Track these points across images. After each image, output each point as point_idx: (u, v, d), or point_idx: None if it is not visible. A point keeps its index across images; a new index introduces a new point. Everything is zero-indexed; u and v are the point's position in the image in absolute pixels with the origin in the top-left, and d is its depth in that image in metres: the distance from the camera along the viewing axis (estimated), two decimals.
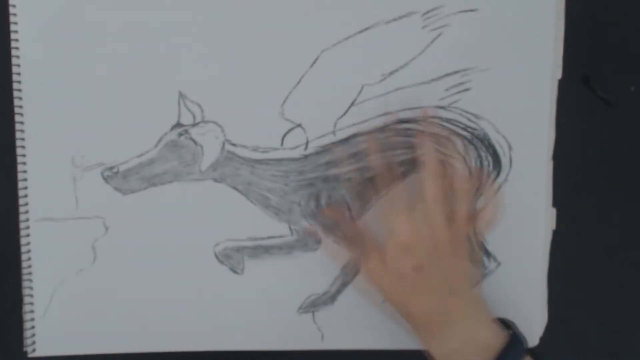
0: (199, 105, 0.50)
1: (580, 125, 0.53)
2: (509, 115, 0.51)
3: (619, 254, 0.49)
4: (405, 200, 0.47)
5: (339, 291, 0.52)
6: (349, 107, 0.51)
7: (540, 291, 0.52)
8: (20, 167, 0.51)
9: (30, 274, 0.51)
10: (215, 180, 0.51)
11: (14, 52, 0.50)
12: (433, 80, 0.51)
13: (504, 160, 0.51)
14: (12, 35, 0.50)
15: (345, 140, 0.51)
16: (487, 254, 0.52)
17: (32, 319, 0.51)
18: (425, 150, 0.49)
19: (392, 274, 0.47)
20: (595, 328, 0.53)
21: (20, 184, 0.51)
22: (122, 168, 0.51)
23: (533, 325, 0.52)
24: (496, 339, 0.46)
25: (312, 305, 0.52)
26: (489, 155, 0.51)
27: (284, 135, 0.51)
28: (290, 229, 0.52)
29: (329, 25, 0.50)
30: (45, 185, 0.51)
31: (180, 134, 0.51)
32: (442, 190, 0.47)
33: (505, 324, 0.48)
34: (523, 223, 0.51)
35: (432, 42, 0.51)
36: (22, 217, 0.51)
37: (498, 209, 0.50)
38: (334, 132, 0.51)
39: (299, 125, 0.51)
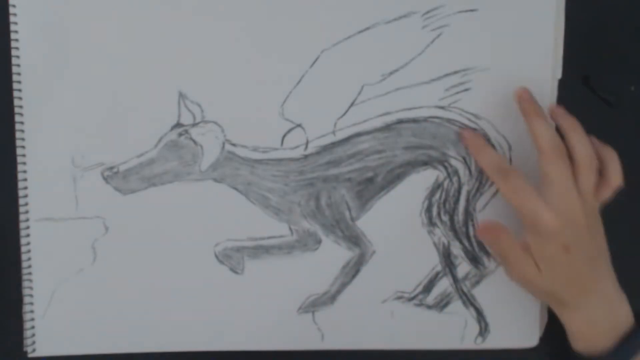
0: (199, 105, 0.50)
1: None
2: (509, 115, 0.51)
3: (619, 254, 0.49)
4: (531, 187, 0.46)
5: (339, 291, 0.52)
6: (349, 107, 0.51)
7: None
8: (20, 167, 0.50)
9: (30, 274, 0.51)
10: (215, 180, 0.51)
11: (14, 52, 0.50)
12: (433, 80, 0.51)
13: None
14: (12, 35, 0.50)
15: (345, 140, 0.51)
16: (487, 253, 0.52)
17: (32, 319, 0.51)
18: (539, 132, 0.47)
19: (542, 262, 0.46)
20: None
21: (20, 184, 0.51)
22: (122, 168, 0.51)
23: (533, 325, 0.53)
24: (628, 316, 0.47)
25: (312, 305, 0.52)
26: None
27: (284, 135, 0.51)
28: (290, 229, 0.52)
29: (329, 25, 0.50)
30: (45, 185, 0.51)
31: (180, 134, 0.51)
32: (567, 168, 0.46)
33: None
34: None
35: (432, 42, 0.51)
36: (22, 217, 0.51)
37: (619, 172, 0.48)
38: (334, 132, 0.51)
39: (299, 125, 0.51)
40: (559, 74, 0.51)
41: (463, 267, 0.53)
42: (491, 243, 0.50)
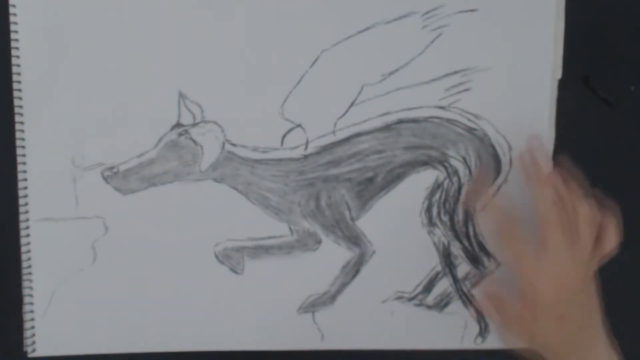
0: (199, 105, 0.50)
1: (580, 125, 0.52)
2: (509, 115, 0.51)
3: (619, 254, 0.49)
4: (532, 253, 0.47)
5: (339, 291, 0.52)
6: (349, 107, 0.51)
7: None
8: (20, 167, 0.50)
9: (30, 274, 0.51)
10: (215, 180, 0.51)
11: (14, 52, 0.50)
12: (433, 80, 0.51)
13: (504, 160, 0.51)
14: (12, 35, 0.50)
15: (345, 140, 0.51)
16: (487, 254, 0.52)
17: (32, 319, 0.51)
18: (541, 198, 0.47)
19: (536, 329, 0.47)
20: None
21: (20, 184, 0.51)
22: (122, 168, 0.51)
23: None
24: None
25: (312, 305, 0.52)
26: (489, 156, 0.51)
27: (284, 135, 0.51)
28: (290, 229, 0.52)
29: (329, 25, 0.50)
30: (45, 185, 0.51)
31: (180, 134, 0.51)
32: (566, 236, 0.47)
33: None
34: (523, 223, 0.51)
35: (432, 42, 0.51)
36: (22, 217, 0.51)
37: (617, 236, 0.48)
38: (334, 132, 0.51)
39: (299, 125, 0.51)
40: (559, 74, 0.51)
41: (463, 267, 0.53)
42: (490, 315, 0.51)
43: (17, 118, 0.50)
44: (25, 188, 0.51)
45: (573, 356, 0.48)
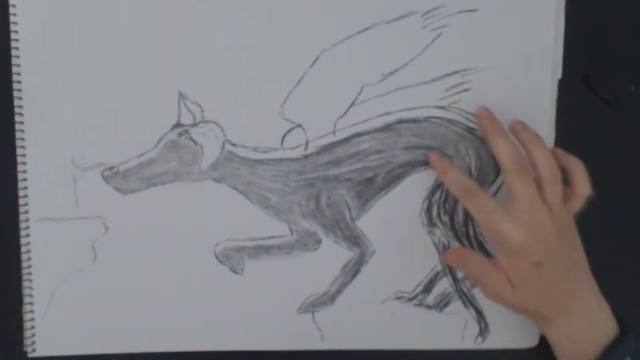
0: (199, 105, 0.50)
1: (580, 125, 0.52)
2: (509, 115, 0.51)
3: (619, 254, 0.49)
4: (497, 205, 0.46)
5: (339, 291, 0.52)
6: (349, 107, 0.51)
7: None
8: (20, 167, 0.50)
9: (30, 274, 0.51)
10: (215, 180, 0.51)
11: (14, 52, 0.50)
12: (433, 80, 0.51)
13: None
14: (12, 35, 0.50)
15: (345, 140, 0.51)
16: (487, 253, 0.52)
17: (32, 319, 0.51)
18: (499, 148, 0.47)
19: (514, 280, 0.46)
20: None
21: (20, 184, 0.51)
22: (122, 168, 0.51)
23: (533, 325, 0.52)
24: (611, 325, 0.46)
25: (312, 305, 0.52)
26: (489, 156, 0.51)
27: (284, 135, 0.51)
28: (290, 229, 0.52)
29: (329, 25, 0.50)
30: (45, 185, 0.51)
31: (180, 134, 0.51)
32: (531, 182, 0.46)
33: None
34: None
35: (432, 42, 0.51)
36: (22, 217, 0.51)
37: (586, 181, 0.47)
38: (334, 132, 0.51)
39: (299, 125, 0.51)
40: (559, 74, 0.51)
41: None
42: (460, 267, 0.50)
43: (17, 118, 0.50)
44: (25, 188, 0.51)
45: (558, 312, 0.46)
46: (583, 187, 0.47)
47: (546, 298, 0.46)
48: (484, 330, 0.53)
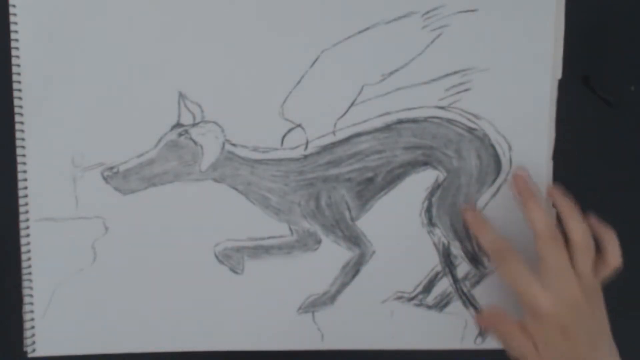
0: (199, 105, 0.50)
1: (580, 125, 0.52)
2: (509, 115, 0.51)
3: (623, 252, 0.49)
4: (528, 270, 0.46)
5: (339, 291, 0.52)
6: (349, 107, 0.51)
7: None
8: (20, 167, 0.51)
9: (30, 274, 0.51)
10: (215, 180, 0.51)
11: (14, 52, 0.50)
12: (433, 80, 0.51)
13: (504, 161, 0.52)
14: (12, 35, 0.50)
15: (345, 140, 0.51)
16: (487, 254, 0.52)
17: (32, 319, 0.51)
18: (533, 214, 0.47)
19: (540, 344, 0.46)
20: None
21: (20, 184, 0.51)
22: (122, 168, 0.51)
23: None
24: None
25: (312, 305, 0.52)
26: (489, 156, 0.52)
27: (284, 135, 0.51)
28: (290, 229, 0.52)
29: (329, 25, 0.50)
30: (45, 185, 0.51)
31: (180, 134, 0.51)
32: (563, 251, 0.46)
33: None
34: (523, 223, 0.51)
35: (432, 42, 0.51)
36: (22, 217, 0.51)
37: (618, 253, 0.48)
38: (334, 132, 0.51)
39: (299, 125, 0.51)
40: (559, 74, 0.51)
41: (463, 267, 0.53)
42: (490, 329, 0.50)
43: (17, 118, 0.50)
44: (25, 188, 0.51)
45: None
46: (614, 258, 0.48)
47: None
48: (483, 330, 0.53)
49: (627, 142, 0.53)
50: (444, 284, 0.53)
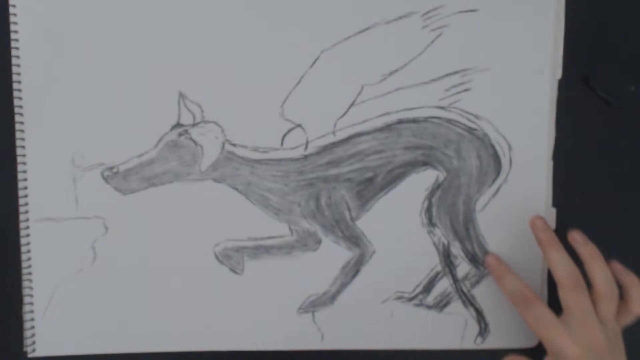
0: (199, 105, 0.50)
1: (580, 125, 0.53)
2: (509, 115, 0.51)
3: (619, 254, 0.49)
4: (553, 317, 0.47)
5: (339, 291, 0.52)
6: (349, 107, 0.51)
7: (540, 291, 0.52)
8: (20, 167, 0.51)
9: (30, 274, 0.51)
10: (215, 180, 0.51)
11: (14, 52, 0.50)
12: (433, 80, 0.51)
13: (504, 161, 0.52)
14: (12, 35, 0.50)
15: (345, 140, 0.51)
16: (487, 254, 0.52)
17: (32, 319, 0.51)
18: (555, 263, 0.48)
19: None
20: None
21: (20, 184, 0.51)
22: (122, 168, 0.51)
23: None
24: None
25: (312, 305, 0.52)
26: (489, 156, 0.52)
27: (284, 135, 0.51)
28: (290, 229, 0.52)
29: (329, 25, 0.50)
30: (45, 185, 0.51)
31: (180, 134, 0.51)
32: (586, 298, 0.47)
33: None
34: (523, 223, 0.51)
35: (432, 42, 0.51)
36: (22, 217, 0.51)
37: None
38: (334, 132, 0.51)
39: (299, 125, 0.51)
40: (559, 74, 0.51)
41: (463, 267, 0.53)
42: None
43: (17, 118, 0.50)
44: (25, 188, 0.51)
45: None
46: (638, 306, 0.48)
47: None
48: (483, 330, 0.53)
49: (627, 142, 0.53)
50: (444, 284, 0.53)
